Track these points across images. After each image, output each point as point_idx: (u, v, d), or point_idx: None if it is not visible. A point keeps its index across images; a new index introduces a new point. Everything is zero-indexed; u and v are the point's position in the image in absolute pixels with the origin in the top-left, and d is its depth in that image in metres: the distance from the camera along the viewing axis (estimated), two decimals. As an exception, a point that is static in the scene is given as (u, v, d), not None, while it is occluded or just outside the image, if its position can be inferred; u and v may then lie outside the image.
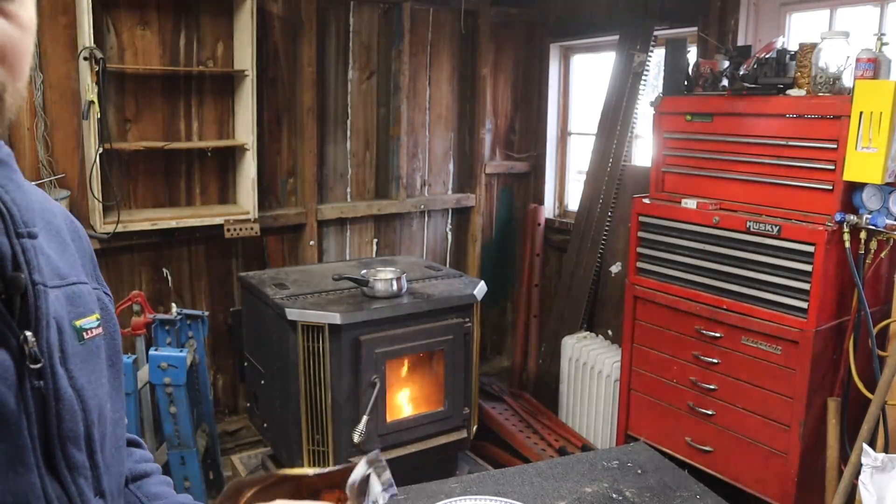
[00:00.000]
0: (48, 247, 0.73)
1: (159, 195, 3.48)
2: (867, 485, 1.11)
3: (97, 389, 0.74)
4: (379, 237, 4.19)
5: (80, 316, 0.73)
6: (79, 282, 0.76)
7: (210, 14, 3.41)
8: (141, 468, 0.94)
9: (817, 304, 2.37)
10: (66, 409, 0.68)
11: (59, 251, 0.76)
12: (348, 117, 3.96)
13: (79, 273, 0.77)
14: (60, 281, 0.72)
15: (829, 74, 2.37)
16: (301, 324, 2.82)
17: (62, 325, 0.70)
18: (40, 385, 0.65)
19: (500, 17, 4.31)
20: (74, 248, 0.80)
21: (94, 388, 0.73)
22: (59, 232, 0.78)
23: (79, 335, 0.72)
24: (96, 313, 0.76)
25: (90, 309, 0.75)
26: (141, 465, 0.95)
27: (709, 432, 2.77)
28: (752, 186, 2.61)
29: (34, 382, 0.65)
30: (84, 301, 0.75)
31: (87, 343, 0.73)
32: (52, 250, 0.73)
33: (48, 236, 0.74)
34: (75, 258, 0.78)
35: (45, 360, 0.66)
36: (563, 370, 3.93)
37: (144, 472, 0.94)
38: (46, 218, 0.76)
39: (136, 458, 0.95)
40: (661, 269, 2.91)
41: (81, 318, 0.73)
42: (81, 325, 0.73)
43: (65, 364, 0.69)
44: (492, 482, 1.46)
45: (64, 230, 0.79)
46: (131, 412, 2.81)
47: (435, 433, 3.16)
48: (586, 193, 4.06)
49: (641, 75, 3.73)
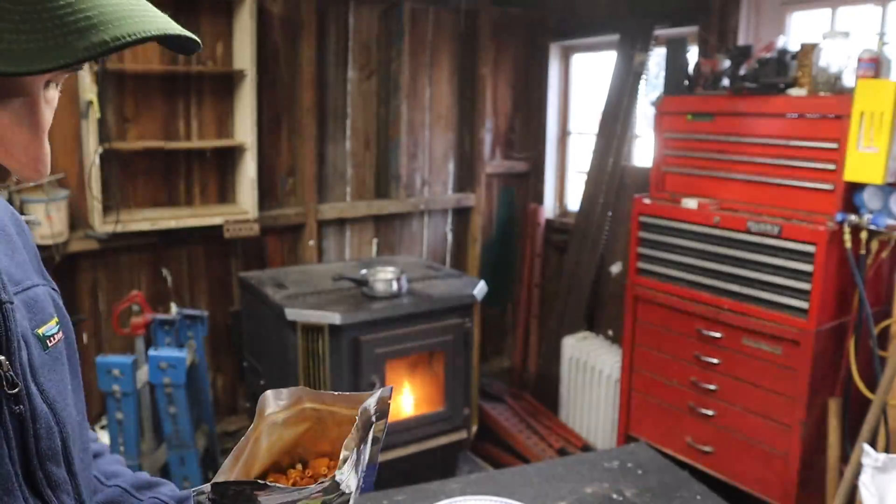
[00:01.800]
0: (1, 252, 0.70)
1: (159, 195, 3.48)
2: (868, 485, 1.10)
3: (66, 398, 0.71)
4: (379, 237, 4.18)
5: (42, 323, 0.70)
6: (33, 285, 0.72)
7: (210, 14, 3.41)
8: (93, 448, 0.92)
9: (818, 304, 2.37)
10: (44, 427, 0.66)
11: (9, 253, 0.72)
12: (348, 117, 3.96)
13: (31, 275, 0.74)
14: (16, 287, 0.69)
15: (829, 74, 2.37)
16: (301, 324, 2.82)
17: (27, 337, 0.67)
18: (19, 409, 0.63)
19: (500, 17, 4.30)
20: (21, 245, 0.76)
21: (63, 398, 0.71)
22: (5, 229, 0.74)
23: (43, 344, 0.69)
24: (55, 317, 0.73)
25: (49, 313, 0.72)
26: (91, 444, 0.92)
27: (709, 433, 2.76)
28: (752, 186, 2.61)
29: (13, 408, 0.63)
30: (42, 306, 0.72)
31: (50, 351, 0.70)
32: (2, 254, 0.70)
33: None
34: (25, 258, 0.75)
35: (20, 382, 0.64)
36: (563, 370, 3.92)
37: (97, 451, 0.93)
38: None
39: None
40: (661, 270, 2.90)
41: (43, 326, 0.70)
42: (44, 333, 0.70)
43: (35, 378, 0.67)
44: (492, 482, 1.46)
45: (10, 227, 0.76)
46: (131, 412, 2.81)
47: (435, 433, 3.16)
48: (586, 193, 4.05)
49: (642, 75, 3.73)
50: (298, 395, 0.79)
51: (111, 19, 0.48)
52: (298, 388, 0.80)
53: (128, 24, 0.49)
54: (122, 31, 0.48)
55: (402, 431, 3.06)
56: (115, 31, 0.48)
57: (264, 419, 0.77)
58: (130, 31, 0.49)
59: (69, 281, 3.29)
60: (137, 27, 0.49)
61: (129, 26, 0.49)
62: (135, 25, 0.49)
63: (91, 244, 3.20)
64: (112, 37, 0.48)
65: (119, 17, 0.49)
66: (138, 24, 0.49)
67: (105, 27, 0.48)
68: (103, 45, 0.47)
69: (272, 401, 0.79)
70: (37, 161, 0.57)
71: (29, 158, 0.56)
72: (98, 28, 0.48)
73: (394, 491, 1.41)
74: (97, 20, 0.48)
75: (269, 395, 0.79)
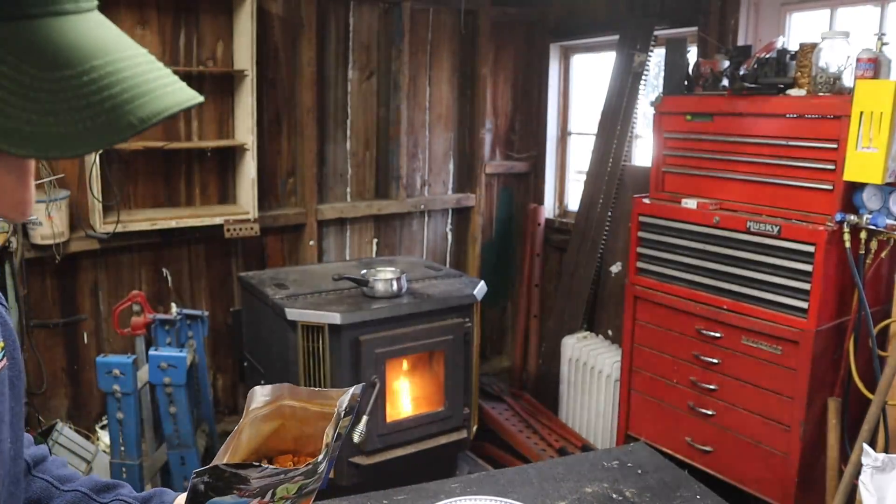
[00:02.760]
0: None
1: (159, 195, 3.48)
2: (867, 485, 1.10)
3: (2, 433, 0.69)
4: (379, 237, 4.19)
5: None
6: None
7: (210, 14, 3.41)
8: (36, 452, 0.90)
9: (817, 304, 2.37)
10: None
11: None
12: (348, 117, 3.96)
13: None
14: None
15: (829, 74, 2.37)
16: (301, 324, 2.82)
17: None
18: None
19: (500, 17, 4.30)
20: None
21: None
22: None
23: None
24: (1, 341, 0.70)
25: None
26: (33, 449, 0.90)
27: (709, 432, 2.77)
28: (752, 186, 2.61)
29: None
30: None
31: None
32: None
33: None
34: None
35: None
36: (563, 370, 3.92)
37: (41, 455, 0.90)
38: None
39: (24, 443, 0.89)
40: (661, 269, 2.91)
41: None
42: None
43: None
44: (492, 482, 1.46)
45: None
46: (132, 412, 2.81)
47: (435, 433, 3.16)
48: (586, 193, 4.05)
49: (641, 75, 3.73)
50: (280, 392, 0.82)
51: (135, 95, 0.49)
52: (283, 384, 0.82)
53: (151, 103, 0.49)
54: (146, 111, 0.49)
55: (402, 431, 3.07)
56: (140, 111, 0.49)
57: (249, 414, 0.80)
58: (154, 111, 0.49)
59: (70, 281, 3.29)
60: (160, 104, 0.50)
61: (152, 104, 0.49)
62: (156, 103, 0.50)
63: (91, 244, 3.20)
64: (138, 119, 0.48)
65: (142, 93, 0.49)
66: (159, 100, 0.50)
67: (130, 106, 0.48)
68: (131, 128, 0.48)
69: (258, 396, 0.81)
70: (22, 204, 0.57)
71: (15, 202, 0.57)
72: (124, 108, 0.48)
73: (394, 491, 1.41)
74: (120, 98, 0.48)
75: (256, 391, 0.81)
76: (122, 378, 2.76)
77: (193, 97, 0.54)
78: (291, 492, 0.71)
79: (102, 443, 3.25)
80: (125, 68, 0.49)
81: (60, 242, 3.04)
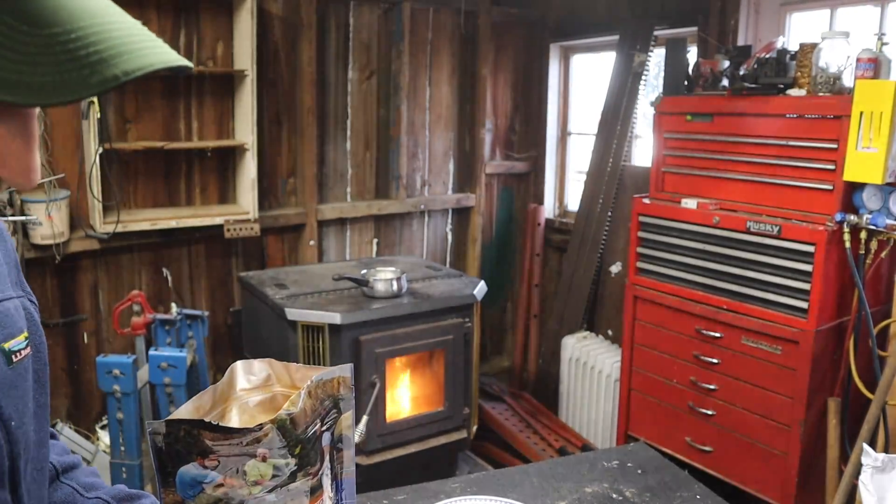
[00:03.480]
0: None
1: (159, 195, 3.48)
2: (867, 485, 1.10)
3: (24, 416, 0.70)
4: (379, 237, 4.19)
5: (9, 337, 0.69)
6: (5, 298, 0.72)
7: (210, 14, 3.41)
8: (68, 460, 0.92)
9: (817, 304, 2.37)
10: None
11: None
12: (348, 117, 3.96)
13: (5, 286, 0.73)
14: None
15: (829, 74, 2.37)
16: (301, 324, 2.82)
17: None
18: None
19: (500, 17, 4.30)
20: (1, 257, 0.76)
21: (20, 416, 0.69)
22: None
23: (7, 359, 0.68)
24: (24, 331, 0.72)
25: (18, 328, 0.71)
26: (65, 457, 0.92)
27: (709, 432, 2.77)
28: (752, 186, 2.61)
29: None
30: (12, 320, 0.71)
31: (15, 366, 0.69)
32: None
33: None
34: (2, 268, 0.74)
35: None
36: (563, 370, 3.92)
37: (72, 463, 0.92)
38: None
39: (58, 450, 0.92)
40: (661, 269, 2.91)
41: (10, 340, 0.69)
42: (10, 348, 0.69)
43: None
44: (492, 482, 1.46)
45: None
46: (132, 412, 2.81)
47: (435, 433, 3.16)
48: (586, 193, 4.05)
49: (641, 75, 3.73)
50: (267, 373, 0.79)
51: (119, 52, 0.52)
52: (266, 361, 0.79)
53: (135, 58, 0.52)
54: (130, 65, 0.52)
55: (402, 431, 3.07)
56: (124, 65, 0.52)
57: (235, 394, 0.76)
58: (138, 66, 0.52)
59: (70, 281, 3.30)
60: (144, 60, 0.53)
61: (136, 60, 0.52)
62: (141, 59, 0.53)
63: (92, 244, 3.20)
64: (122, 71, 0.51)
65: (127, 51, 0.52)
66: (144, 57, 0.53)
67: (115, 61, 0.51)
68: (115, 79, 0.51)
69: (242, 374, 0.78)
70: (29, 170, 0.60)
71: (22, 168, 0.59)
72: (108, 62, 0.51)
73: (394, 491, 1.41)
74: (106, 54, 0.51)
75: (238, 367, 0.78)
76: (122, 378, 2.76)
77: (180, 59, 0.56)
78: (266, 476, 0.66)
79: (102, 443, 3.25)
80: (112, 29, 0.53)
81: (60, 242, 3.05)
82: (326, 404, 0.74)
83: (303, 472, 0.69)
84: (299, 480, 0.69)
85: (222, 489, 0.65)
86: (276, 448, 0.66)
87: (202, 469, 0.65)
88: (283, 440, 0.66)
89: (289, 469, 0.67)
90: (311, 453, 0.69)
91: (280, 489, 0.67)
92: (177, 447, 0.64)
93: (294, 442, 0.67)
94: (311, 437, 0.70)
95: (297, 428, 0.67)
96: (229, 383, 0.77)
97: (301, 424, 0.68)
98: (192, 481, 0.65)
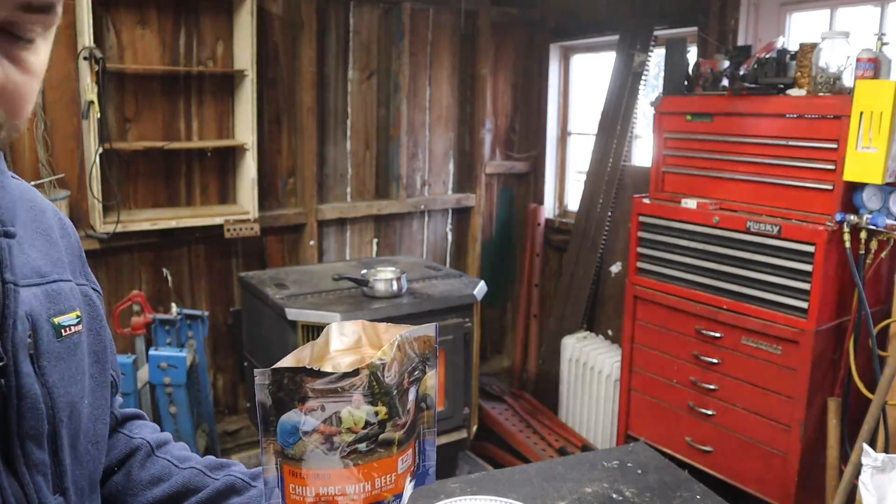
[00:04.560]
0: (30, 245, 0.74)
1: (159, 195, 3.48)
2: (867, 485, 1.10)
3: (70, 387, 0.73)
4: (379, 237, 4.19)
5: (60, 313, 0.73)
6: (60, 279, 0.76)
7: (210, 14, 3.41)
8: (160, 437, 0.98)
9: (817, 304, 2.37)
10: (29, 407, 0.68)
11: (44, 249, 0.76)
12: (348, 117, 3.96)
13: (63, 271, 0.77)
14: (40, 279, 0.73)
15: (829, 74, 2.37)
16: (301, 324, 2.82)
17: (38, 323, 0.70)
18: (1, 383, 0.66)
19: (500, 17, 4.30)
20: (63, 246, 0.80)
21: (66, 386, 0.73)
22: (48, 231, 0.79)
23: (57, 332, 0.72)
24: (77, 310, 0.76)
25: (70, 306, 0.75)
26: (158, 434, 0.99)
27: (709, 432, 2.77)
28: (752, 186, 2.61)
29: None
30: (64, 298, 0.75)
31: (65, 340, 0.73)
32: (34, 249, 0.74)
33: (33, 235, 0.76)
34: (62, 256, 0.79)
35: (8, 358, 0.66)
36: (563, 370, 3.93)
37: (164, 440, 0.98)
38: (34, 216, 0.77)
39: (150, 429, 0.99)
40: (661, 269, 2.91)
41: (60, 316, 0.73)
42: (60, 323, 0.73)
43: (37, 361, 0.69)
44: (492, 482, 1.46)
45: (54, 228, 0.80)
46: (131, 412, 2.81)
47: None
48: (586, 193, 4.06)
49: (641, 75, 3.73)
50: (358, 335, 0.80)
51: None
52: (359, 322, 0.80)
53: None
54: None
55: (402, 431, 3.06)
56: None
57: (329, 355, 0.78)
58: None
59: (70, 281, 3.29)
60: None
61: None
62: None
63: (91, 244, 3.20)
64: None
65: None
66: None
67: None
68: None
69: (336, 335, 0.79)
70: None
71: None
72: None
73: (394, 490, 1.41)
74: None
75: (333, 328, 0.80)
76: (122, 378, 2.76)
77: None
78: (359, 424, 0.68)
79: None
80: None
81: (60, 242, 3.04)
82: (413, 359, 0.76)
83: (391, 422, 0.71)
84: (388, 431, 0.71)
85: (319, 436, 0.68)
86: (369, 395, 0.69)
87: (303, 415, 0.67)
88: (375, 387, 0.69)
89: (378, 418, 0.70)
90: (399, 405, 0.71)
91: (370, 440, 0.70)
92: (280, 395, 0.67)
93: (385, 391, 0.70)
94: (400, 390, 0.72)
95: (388, 377, 0.70)
96: (325, 343, 0.79)
97: (392, 374, 0.70)
98: (292, 429, 0.68)
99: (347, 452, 0.69)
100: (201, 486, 0.92)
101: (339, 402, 0.68)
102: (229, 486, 0.92)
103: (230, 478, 0.93)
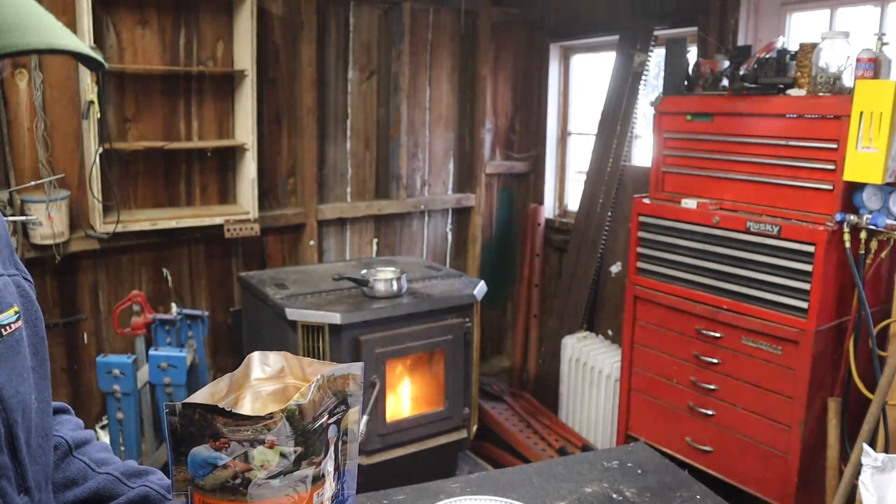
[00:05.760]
0: None
1: (159, 195, 3.48)
2: (867, 485, 1.10)
3: (19, 386, 0.72)
4: (379, 237, 4.19)
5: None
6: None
7: (210, 14, 3.41)
8: (80, 435, 0.94)
9: (817, 304, 2.37)
10: None
11: None
12: (348, 117, 3.96)
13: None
14: None
15: (829, 74, 2.37)
16: (301, 324, 2.82)
17: None
18: None
19: (500, 17, 4.30)
20: None
21: (15, 386, 0.71)
22: None
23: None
24: (14, 306, 0.74)
25: (7, 303, 0.73)
26: (78, 432, 0.94)
27: (709, 432, 2.77)
28: (752, 186, 2.61)
29: None
30: (1, 296, 0.73)
31: (6, 339, 0.71)
32: None
33: None
34: None
35: None
36: (563, 370, 3.93)
37: (84, 439, 0.94)
38: None
39: (71, 426, 0.95)
40: (661, 269, 2.91)
41: None
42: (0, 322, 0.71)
43: None
44: (492, 482, 1.46)
45: None
46: (132, 412, 2.81)
47: (435, 433, 3.16)
48: (586, 193, 4.06)
49: (641, 75, 3.73)
50: (282, 365, 0.81)
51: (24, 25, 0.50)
52: (282, 354, 0.81)
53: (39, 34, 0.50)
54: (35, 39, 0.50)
55: (402, 431, 3.07)
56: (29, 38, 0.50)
57: (249, 383, 0.78)
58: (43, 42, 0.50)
59: (70, 281, 3.29)
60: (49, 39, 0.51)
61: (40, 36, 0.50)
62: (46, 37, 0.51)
63: (92, 244, 3.20)
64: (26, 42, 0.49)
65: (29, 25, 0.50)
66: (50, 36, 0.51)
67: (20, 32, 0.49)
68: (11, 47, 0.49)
69: (258, 364, 0.80)
70: None
71: None
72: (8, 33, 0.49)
73: (393, 491, 1.41)
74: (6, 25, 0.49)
75: (255, 358, 0.80)
76: (122, 378, 2.76)
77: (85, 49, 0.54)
78: (272, 462, 0.68)
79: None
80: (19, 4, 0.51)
81: (60, 242, 3.04)
82: (335, 399, 0.76)
83: (307, 460, 0.71)
84: (303, 468, 0.71)
85: (230, 471, 0.68)
86: (283, 436, 0.68)
87: (213, 451, 0.67)
88: (290, 429, 0.68)
89: (293, 456, 0.70)
90: (316, 443, 0.71)
91: (284, 475, 0.70)
92: (191, 429, 0.66)
93: (301, 432, 0.69)
94: (318, 429, 0.72)
95: (305, 419, 0.70)
96: (245, 372, 0.79)
97: (309, 415, 0.70)
98: (202, 462, 0.67)
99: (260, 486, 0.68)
100: (115, 493, 0.89)
101: (252, 442, 0.67)
102: (143, 497, 0.89)
103: (145, 489, 0.90)
